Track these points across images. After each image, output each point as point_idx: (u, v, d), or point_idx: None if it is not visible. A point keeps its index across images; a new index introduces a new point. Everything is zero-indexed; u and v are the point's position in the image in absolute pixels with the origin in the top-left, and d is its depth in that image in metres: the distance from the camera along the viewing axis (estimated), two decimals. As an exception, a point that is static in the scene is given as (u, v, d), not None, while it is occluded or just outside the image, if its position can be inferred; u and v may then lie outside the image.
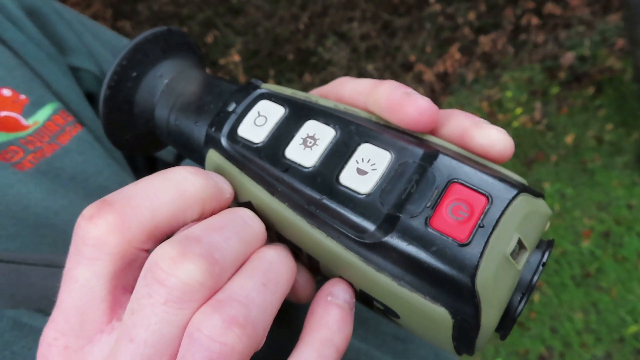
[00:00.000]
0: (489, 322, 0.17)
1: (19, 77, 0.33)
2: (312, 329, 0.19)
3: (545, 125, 2.10)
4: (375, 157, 0.20)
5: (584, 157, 1.93)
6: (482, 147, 0.20)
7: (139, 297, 0.17)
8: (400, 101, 0.20)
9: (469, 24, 2.42)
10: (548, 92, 2.19)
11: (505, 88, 2.29)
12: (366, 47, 2.56)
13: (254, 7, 2.68)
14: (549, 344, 1.51)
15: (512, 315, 0.18)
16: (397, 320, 0.20)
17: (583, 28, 2.22)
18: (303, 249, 0.21)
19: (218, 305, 0.17)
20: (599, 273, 1.61)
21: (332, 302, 0.20)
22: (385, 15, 2.55)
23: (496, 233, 0.17)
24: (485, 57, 2.40)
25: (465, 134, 0.20)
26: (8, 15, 0.36)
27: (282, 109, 0.22)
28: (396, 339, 0.40)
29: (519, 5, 2.35)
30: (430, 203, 0.18)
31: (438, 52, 2.47)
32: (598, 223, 1.72)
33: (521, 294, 0.18)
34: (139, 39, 0.25)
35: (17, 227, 0.28)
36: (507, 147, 0.20)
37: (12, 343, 0.26)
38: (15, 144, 0.31)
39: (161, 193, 0.18)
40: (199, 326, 0.16)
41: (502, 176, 0.19)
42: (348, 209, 0.19)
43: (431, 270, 0.17)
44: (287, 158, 0.21)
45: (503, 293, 0.18)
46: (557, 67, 2.21)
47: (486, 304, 0.17)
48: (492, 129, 0.20)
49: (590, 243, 1.69)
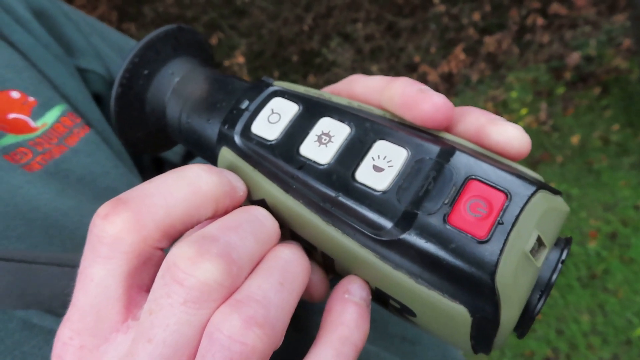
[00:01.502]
0: (508, 321, 0.17)
1: (27, 79, 0.33)
2: (330, 327, 0.19)
3: (550, 125, 2.09)
4: (391, 154, 0.19)
5: (590, 158, 1.92)
6: (498, 144, 0.20)
7: (157, 297, 0.17)
8: (415, 98, 0.20)
9: (474, 25, 2.41)
10: (554, 93, 2.19)
11: (511, 88, 2.28)
12: (370, 48, 2.56)
13: (258, 8, 2.68)
14: (555, 346, 1.50)
15: (531, 313, 0.18)
16: (414, 318, 0.20)
17: (589, 28, 2.21)
18: (318, 247, 0.21)
19: (237, 305, 0.16)
20: (606, 274, 1.60)
21: (349, 300, 0.20)
22: (389, 16, 2.55)
23: (516, 230, 0.17)
24: (490, 57, 2.39)
25: (481, 131, 0.20)
26: (16, 18, 0.36)
27: (295, 106, 0.22)
28: (404, 340, 0.40)
29: (524, 5, 2.34)
30: (448, 200, 0.18)
31: (442, 53, 2.46)
32: (604, 224, 1.72)
33: (540, 292, 0.18)
34: (151, 37, 0.25)
35: (27, 227, 0.28)
36: (524, 144, 0.20)
37: (23, 343, 0.26)
38: (24, 145, 0.31)
39: (175, 191, 0.18)
40: (218, 326, 0.16)
41: (520, 173, 0.18)
42: (364, 206, 0.19)
43: (450, 267, 0.17)
44: (302, 155, 0.20)
45: (522, 291, 0.17)
46: (562, 67, 2.20)
47: (506, 301, 0.17)
48: (509, 125, 0.20)
49: (596, 244, 1.68)
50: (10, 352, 0.25)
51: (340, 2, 2.57)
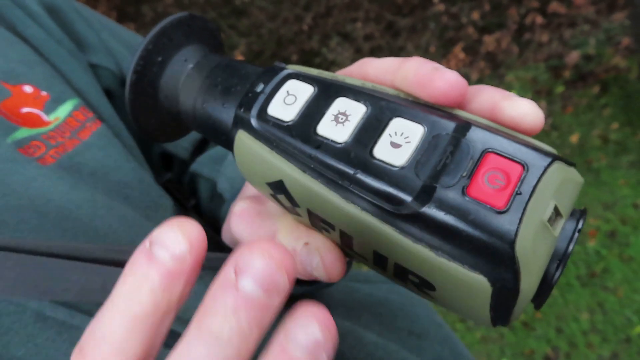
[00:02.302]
0: (528, 289, 0.18)
1: (40, 74, 0.33)
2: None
3: (550, 124, 2.09)
4: (408, 130, 0.20)
5: (589, 157, 1.93)
6: (513, 119, 0.20)
7: None
8: (429, 75, 0.20)
9: (473, 24, 2.42)
10: (553, 92, 2.19)
11: (510, 87, 2.29)
12: (370, 47, 2.56)
13: (257, 8, 2.68)
14: (555, 345, 1.51)
15: (549, 282, 0.19)
16: (433, 293, 0.20)
17: (588, 27, 2.22)
18: (336, 225, 0.21)
19: None
20: (605, 273, 1.61)
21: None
22: (388, 15, 2.55)
23: (533, 200, 0.17)
24: (490, 56, 2.40)
25: (495, 107, 0.20)
26: (29, 13, 0.36)
27: (311, 87, 0.22)
28: (411, 334, 0.41)
29: (523, 4, 2.35)
30: (466, 173, 0.18)
31: (442, 52, 2.47)
32: (604, 223, 1.72)
33: (557, 262, 0.19)
34: (164, 24, 0.25)
35: (40, 220, 0.28)
36: (538, 119, 0.20)
37: (36, 336, 0.26)
38: (38, 139, 0.31)
39: (117, 330, 0.17)
40: None
41: (535, 146, 0.19)
42: (383, 182, 0.19)
43: (470, 238, 0.17)
44: (319, 135, 0.21)
45: (541, 259, 0.18)
46: (562, 66, 2.21)
47: (525, 270, 0.17)
48: (523, 101, 0.20)
49: (596, 243, 1.68)
50: (25, 344, 0.25)
51: (339, 2, 2.57)
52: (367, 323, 0.39)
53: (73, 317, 0.26)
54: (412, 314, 0.42)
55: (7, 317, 0.25)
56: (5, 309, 0.25)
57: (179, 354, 0.16)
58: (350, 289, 0.41)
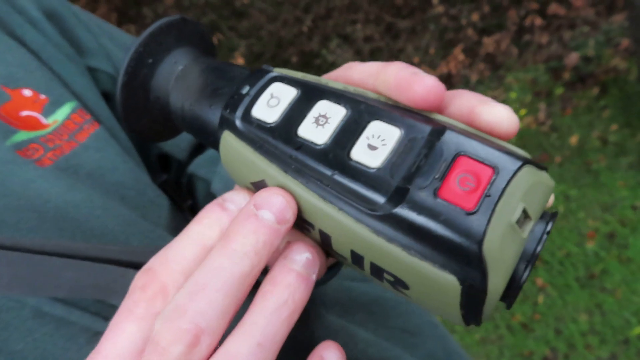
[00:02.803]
0: (495, 288, 0.18)
1: (39, 78, 0.34)
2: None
3: (549, 126, 2.10)
4: (385, 133, 0.20)
5: (588, 158, 1.93)
6: (488, 123, 0.21)
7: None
8: (408, 80, 0.21)
9: (473, 25, 2.42)
10: (552, 93, 2.20)
11: (510, 89, 2.29)
12: (370, 49, 2.56)
13: (257, 10, 2.69)
14: (554, 346, 1.51)
15: (517, 282, 0.19)
16: (407, 291, 0.21)
17: (587, 28, 2.23)
18: (315, 224, 0.22)
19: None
20: (604, 274, 1.61)
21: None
22: (388, 17, 2.55)
23: (502, 202, 0.18)
24: (489, 58, 2.40)
25: (472, 111, 0.21)
26: (29, 18, 0.37)
27: (294, 90, 0.23)
28: (405, 332, 0.41)
29: (522, 6, 2.35)
30: (438, 175, 0.19)
31: (442, 54, 2.47)
32: (603, 224, 1.72)
33: (526, 262, 0.19)
34: (154, 27, 0.26)
35: (38, 220, 0.29)
36: (512, 124, 0.20)
37: (34, 331, 0.26)
38: (36, 141, 0.32)
39: (187, 254, 0.21)
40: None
41: (507, 149, 0.19)
42: (359, 183, 0.19)
43: (440, 238, 0.18)
44: (300, 136, 0.21)
45: (509, 260, 0.18)
46: (561, 67, 2.21)
47: (493, 270, 0.18)
48: (499, 106, 0.21)
49: (594, 244, 1.69)
50: (23, 339, 0.26)
51: (339, 4, 2.58)
52: (361, 321, 0.40)
53: (70, 313, 0.27)
54: (406, 312, 0.43)
55: (6, 313, 0.26)
56: (4, 305, 0.26)
57: (205, 265, 0.20)
58: (345, 287, 0.42)
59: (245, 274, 0.20)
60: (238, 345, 0.19)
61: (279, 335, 0.20)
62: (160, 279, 0.21)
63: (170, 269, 0.21)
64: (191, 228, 0.22)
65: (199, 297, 0.19)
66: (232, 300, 0.20)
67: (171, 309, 0.19)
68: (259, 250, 0.20)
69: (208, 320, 0.19)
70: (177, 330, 0.19)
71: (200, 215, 0.22)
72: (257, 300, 0.20)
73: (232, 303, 0.20)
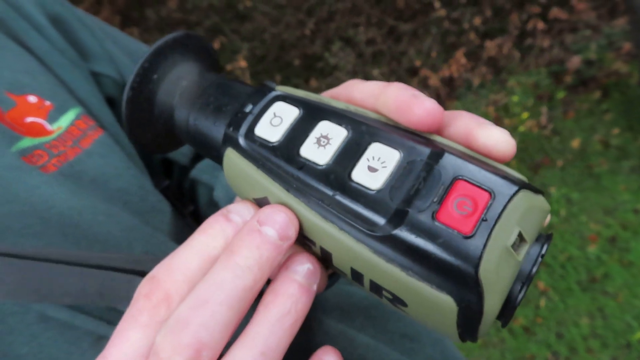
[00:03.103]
0: (491, 309, 0.19)
1: (44, 84, 0.34)
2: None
3: (551, 129, 2.10)
4: (385, 155, 0.21)
5: (590, 162, 1.93)
6: (485, 146, 0.21)
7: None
8: (408, 102, 0.21)
9: (475, 29, 2.42)
10: (554, 97, 2.20)
11: (512, 93, 2.29)
12: (372, 52, 2.57)
13: (260, 13, 2.70)
14: (555, 349, 1.51)
15: (513, 303, 0.19)
16: (405, 308, 0.21)
17: (589, 32, 2.22)
18: (317, 242, 0.22)
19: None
20: (606, 278, 1.61)
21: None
22: (390, 20, 2.56)
23: (498, 226, 0.18)
24: (491, 61, 2.40)
25: (470, 134, 0.21)
26: (33, 24, 0.37)
27: (296, 110, 0.23)
28: (404, 337, 0.41)
29: (524, 10, 2.35)
30: (436, 198, 0.19)
31: (444, 57, 2.47)
32: (604, 228, 1.72)
33: (521, 284, 0.20)
34: (160, 43, 0.26)
35: (43, 226, 0.29)
36: (509, 148, 0.21)
37: (38, 335, 0.27)
38: (41, 148, 0.32)
39: (191, 264, 0.21)
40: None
41: (504, 174, 0.20)
42: (360, 204, 0.20)
43: (438, 260, 0.18)
44: (302, 156, 0.22)
45: (504, 282, 0.19)
46: (563, 71, 2.21)
47: (489, 292, 0.18)
48: (496, 129, 0.21)
49: (596, 248, 1.68)
50: (28, 343, 0.27)
51: (341, 7, 2.58)
52: (360, 326, 0.40)
53: (74, 317, 0.28)
54: (406, 317, 0.43)
55: (12, 317, 0.26)
56: (10, 310, 0.27)
57: (208, 278, 0.20)
58: (345, 292, 0.42)
59: (248, 288, 0.20)
60: (242, 355, 0.20)
61: (281, 344, 0.20)
62: (165, 288, 0.21)
63: (174, 278, 0.21)
64: (196, 238, 0.22)
65: (201, 311, 0.19)
66: (234, 313, 0.20)
67: (173, 321, 0.19)
68: (262, 265, 0.21)
69: (210, 334, 0.19)
70: (178, 344, 0.19)
71: (205, 225, 0.22)
72: (259, 310, 0.21)
73: (235, 316, 0.20)
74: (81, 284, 0.26)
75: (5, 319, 0.26)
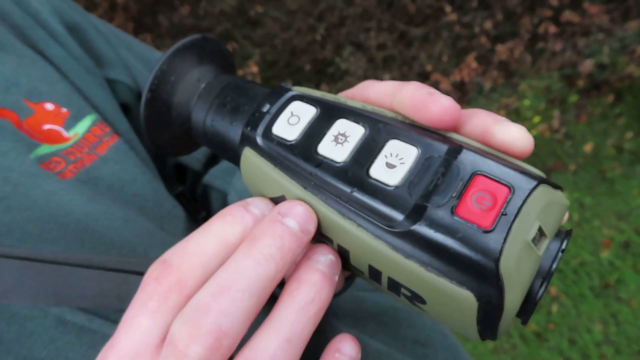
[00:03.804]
0: (512, 305, 0.18)
1: (61, 91, 0.35)
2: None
3: (563, 133, 2.08)
4: (403, 152, 0.21)
5: (603, 166, 1.91)
6: (503, 143, 0.21)
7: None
8: (424, 101, 0.21)
9: (486, 33, 2.42)
10: (566, 101, 2.18)
11: (523, 97, 2.28)
12: (383, 56, 2.57)
13: (271, 19, 2.71)
14: (568, 356, 1.49)
15: (533, 299, 0.19)
16: (423, 306, 0.21)
17: (602, 35, 2.21)
18: (334, 240, 0.22)
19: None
20: (619, 284, 1.59)
21: (339, 359, 0.22)
22: (401, 25, 2.56)
23: (518, 220, 0.18)
24: (503, 65, 2.39)
25: (487, 130, 0.22)
26: (51, 32, 0.38)
27: (313, 109, 0.23)
28: (416, 343, 0.41)
29: (536, 13, 2.34)
30: (455, 193, 0.19)
31: (455, 61, 2.47)
32: (618, 233, 1.70)
33: (542, 279, 0.19)
34: (178, 46, 0.27)
35: (60, 231, 0.30)
36: (527, 144, 0.21)
37: (57, 339, 0.27)
38: (58, 155, 0.33)
39: (207, 248, 0.21)
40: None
41: (523, 169, 0.20)
42: (378, 200, 0.20)
43: (457, 255, 0.18)
44: (320, 154, 0.22)
45: (525, 277, 0.19)
46: (575, 75, 2.19)
47: (509, 287, 0.18)
48: (513, 126, 0.21)
49: (609, 253, 1.67)
50: (46, 347, 0.27)
51: (352, 12, 2.59)
52: (373, 332, 0.40)
53: (91, 321, 0.28)
54: (418, 323, 0.43)
55: (30, 322, 0.27)
56: (29, 314, 0.27)
57: (229, 265, 0.20)
58: (358, 298, 0.42)
59: (270, 277, 0.20)
60: (267, 341, 0.19)
61: (305, 332, 0.20)
62: (177, 272, 0.20)
63: (189, 262, 0.20)
64: (213, 223, 0.22)
65: (222, 298, 0.19)
66: (255, 302, 0.19)
67: (192, 308, 0.19)
68: (284, 255, 0.20)
69: (231, 322, 0.19)
70: (197, 332, 0.18)
71: (223, 212, 0.22)
72: (284, 298, 0.21)
73: (255, 306, 0.20)
74: (99, 287, 0.27)
75: (25, 323, 0.27)
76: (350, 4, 2.58)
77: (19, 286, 0.26)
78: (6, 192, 0.29)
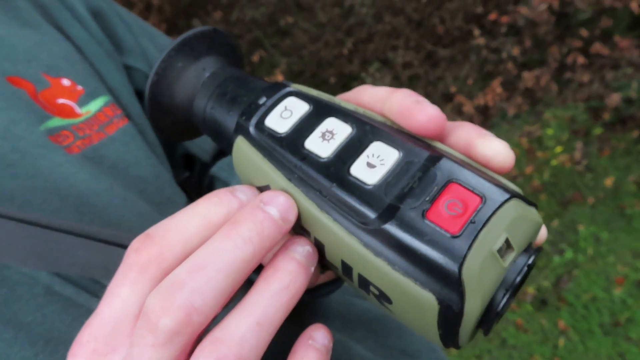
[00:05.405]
0: (471, 311, 0.19)
1: (79, 70, 0.36)
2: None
3: (584, 166, 2.05)
4: (384, 154, 0.21)
5: (622, 202, 1.88)
6: (484, 156, 0.22)
7: (137, 335, 0.20)
8: (411, 108, 0.22)
9: (513, 59, 2.41)
10: (590, 133, 2.15)
11: (547, 125, 2.26)
12: (408, 75, 2.57)
13: (301, 30, 2.74)
14: (574, 393, 1.45)
15: (495, 310, 0.20)
16: (390, 306, 0.21)
17: (631, 70, 2.18)
18: (311, 232, 0.23)
19: (214, 343, 0.19)
20: (629, 323, 1.55)
21: (312, 346, 0.22)
22: (429, 45, 2.56)
23: (486, 229, 0.19)
24: (528, 92, 2.38)
25: (470, 143, 0.22)
26: (76, 15, 0.40)
27: (307, 105, 0.24)
28: (403, 353, 0.41)
29: (565, 43, 2.32)
30: (429, 197, 0.20)
31: (480, 85, 2.46)
32: (632, 271, 1.66)
33: (505, 291, 0.20)
34: (188, 35, 0.28)
35: (61, 203, 0.31)
36: (507, 159, 0.21)
37: (44, 306, 0.28)
38: (68, 129, 0.34)
39: (190, 226, 0.22)
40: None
41: (498, 182, 0.20)
42: (354, 197, 0.21)
43: (423, 257, 0.19)
44: (306, 148, 0.23)
45: (487, 285, 0.19)
46: (601, 107, 2.17)
47: (470, 292, 0.18)
48: (496, 140, 0.22)
49: (622, 291, 1.63)
50: (32, 313, 0.28)
51: (381, 29, 2.60)
52: (360, 338, 0.40)
53: (79, 295, 0.29)
54: (408, 334, 0.43)
55: (20, 287, 0.28)
56: (20, 280, 0.28)
57: (208, 245, 0.21)
58: (349, 302, 0.42)
59: (247, 260, 0.21)
60: (238, 322, 0.20)
61: (277, 317, 0.21)
62: (158, 245, 0.21)
63: (170, 237, 0.21)
64: (200, 203, 0.22)
65: (197, 275, 0.19)
66: (230, 283, 0.20)
67: (167, 283, 0.20)
68: (263, 240, 0.21)
69: (203, 299, 0.19)
70: (169, 305, 0.19)
71: (210, 195, 0.23)
72: (259, 283, 0.21)
73: (229, 286, 0.20)
74: (89, 256, 0.27)
75: (14, 287, 0.28)
76: (380, 21, 2.59)
77: (10, 246, 0.27)
78: (14, 160, 0.30)
